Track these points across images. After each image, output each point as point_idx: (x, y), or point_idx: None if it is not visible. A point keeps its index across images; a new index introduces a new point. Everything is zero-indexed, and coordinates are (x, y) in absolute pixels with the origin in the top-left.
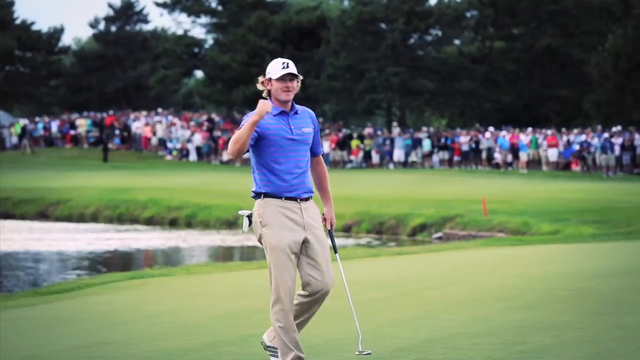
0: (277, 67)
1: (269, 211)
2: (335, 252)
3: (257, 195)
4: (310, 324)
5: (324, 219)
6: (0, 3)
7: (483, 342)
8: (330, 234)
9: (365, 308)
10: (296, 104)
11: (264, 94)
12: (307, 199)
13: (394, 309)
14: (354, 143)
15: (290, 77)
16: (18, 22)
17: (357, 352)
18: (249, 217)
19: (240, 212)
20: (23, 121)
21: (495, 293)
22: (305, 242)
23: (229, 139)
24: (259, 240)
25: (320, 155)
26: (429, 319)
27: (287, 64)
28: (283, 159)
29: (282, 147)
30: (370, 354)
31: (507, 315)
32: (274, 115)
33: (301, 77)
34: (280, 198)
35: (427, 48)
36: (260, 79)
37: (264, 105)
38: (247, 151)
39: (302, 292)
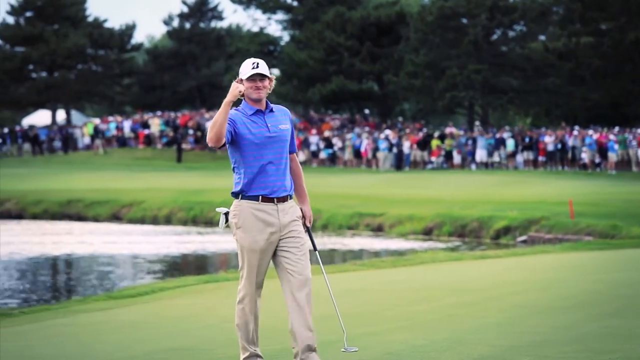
0: (247, 68)
1: (244, 213)
2: (315, 250)
3: (235, 195)
4: (394, 329)
5: (303, 217)
6: (72, 0)
7: (570, 350)
8: (308, 231)
9: (447, 313)
10: (374, 101)
11: (240, 95)
12: (284, 199)
13: (477, 315)
14: (434, 143)
15: (260, 76)
16: (90, 19)
17: (343, 350)
18: (226, 214)
19: (218, 210)
20: (95, 121)
21: (582, 299)
22: (281, 241)
23: (305, 139)
24: (235, 238)
25: (295, 153)
26: (513, 325)
27: (257, 64)
28: (261, 157)
29: (260, 145)
30: (357, 350)
31: (595, 322)
32: (250, 115)
33: (273, 77)
34: (257, 199)
35: (511, 44)
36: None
37: (236, 87)
38: (224, 145)
39: (285, 291)
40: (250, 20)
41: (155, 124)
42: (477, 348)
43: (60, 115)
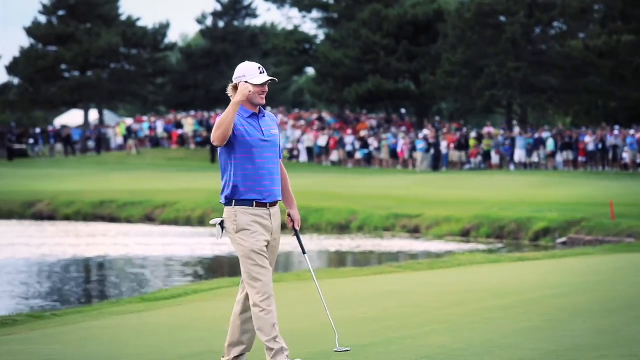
0: (254, 72)
1: (241, 218)
2: (304, 252)
3: (228, 201)
4: (431, 333)
5: (291, 221)
6: None
7: (612, 354)
8: (297, 234)
9: (485, 316)
10: (410, 101)
11: (232, 97)
12: (275, 204)
13: (516, 318)
14: (472, 143)
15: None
16: (123, 18)
17: (335, 350)
18: (221, 224)
19: (212, 222)
20: (128, 121)
21: (623, 302)
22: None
23: (340, 139)
24: (235, 243)
25: (280, 160)
26: (553, 329)
27: (263, 69)
28: (257, 161)
29: (256, 148)
30: (349, 350)
31: (637, 325)
32: (247, 118)
33: (276, 80)
34: (251, 204)
35: (551, 42)
36: (237, 83)
37: (246, 87)
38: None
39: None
40: (285, 18)
41: (189, 123)
42: (516, 352)
43: (93, 115)
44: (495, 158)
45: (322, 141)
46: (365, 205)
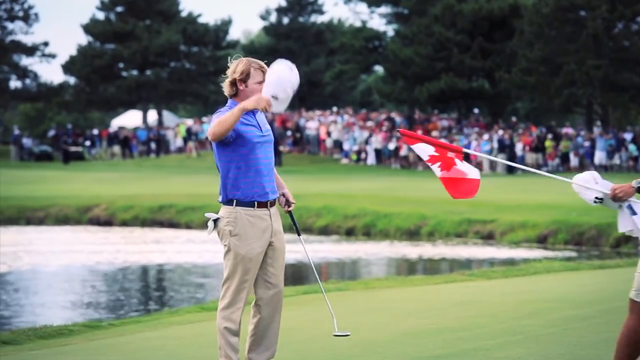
0: (288, 91)
1: (240, 221)
2: (299, 234)
3: (228, 201)
4: (506, 344)
5: (286, 201)
6: None
7: None
8: (290, 215)
9: (563, 327)
10: (484, 100)
11: (229, 94)
12: (274, 202)
13: (596, 329)
14: (548, 144)
15: None
16: (184, 14)
17: (334, 334)
18: (215, 221)
19: (207, 215)
20: (188, 122)
21: None
22: (268, 247)
23: None
24: (226, 246)
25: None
26: None
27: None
28: (257, 158)
29: (255, 145)
30: (349, 335)
31: None
32: (245, 115)
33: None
34: (253, 206)
35: (634, 38)
36: (233, 79)
37: (266, 100)
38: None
39: (256, 303)
40: (352, 14)
41: None
42: None
43: (152, 116)
44: (574, 160)
45: (392, 144)
46: (436, 210)
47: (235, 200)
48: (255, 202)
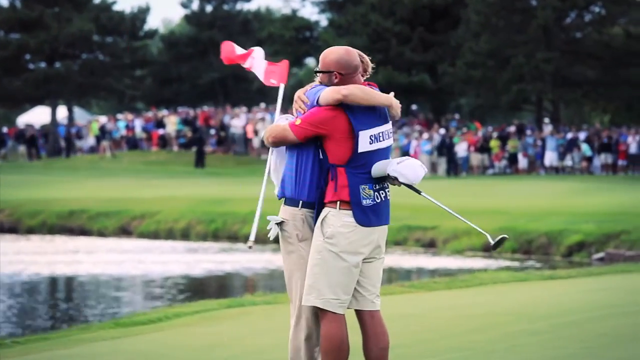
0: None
1: (306, 223)
2: None
3: (294, 202)
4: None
5: None
6: None
7: None
8: None
9: (511, 343)
10: (426, 96)
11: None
12: None
13: (547, 345)
14: (494, 144)
15: None
16: (97, 1)
17: (491, 245)
18: (279, 224)
19: (269, 218)
20: (102, 119)
21: None
22: None
23: None
24: (287, 250)
25: None
26: (591, 356)
27: None
28: (308, 154)
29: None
30: (507, 237)
31: None
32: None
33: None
34: (313, 207)
35: (587, 29)
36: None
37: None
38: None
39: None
40: (282, 2)
41: (172, 122)
42: None
43: (62, 112)
44: (522, 162)
45: None
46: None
47: (301, 202)
48: (315, 204)
